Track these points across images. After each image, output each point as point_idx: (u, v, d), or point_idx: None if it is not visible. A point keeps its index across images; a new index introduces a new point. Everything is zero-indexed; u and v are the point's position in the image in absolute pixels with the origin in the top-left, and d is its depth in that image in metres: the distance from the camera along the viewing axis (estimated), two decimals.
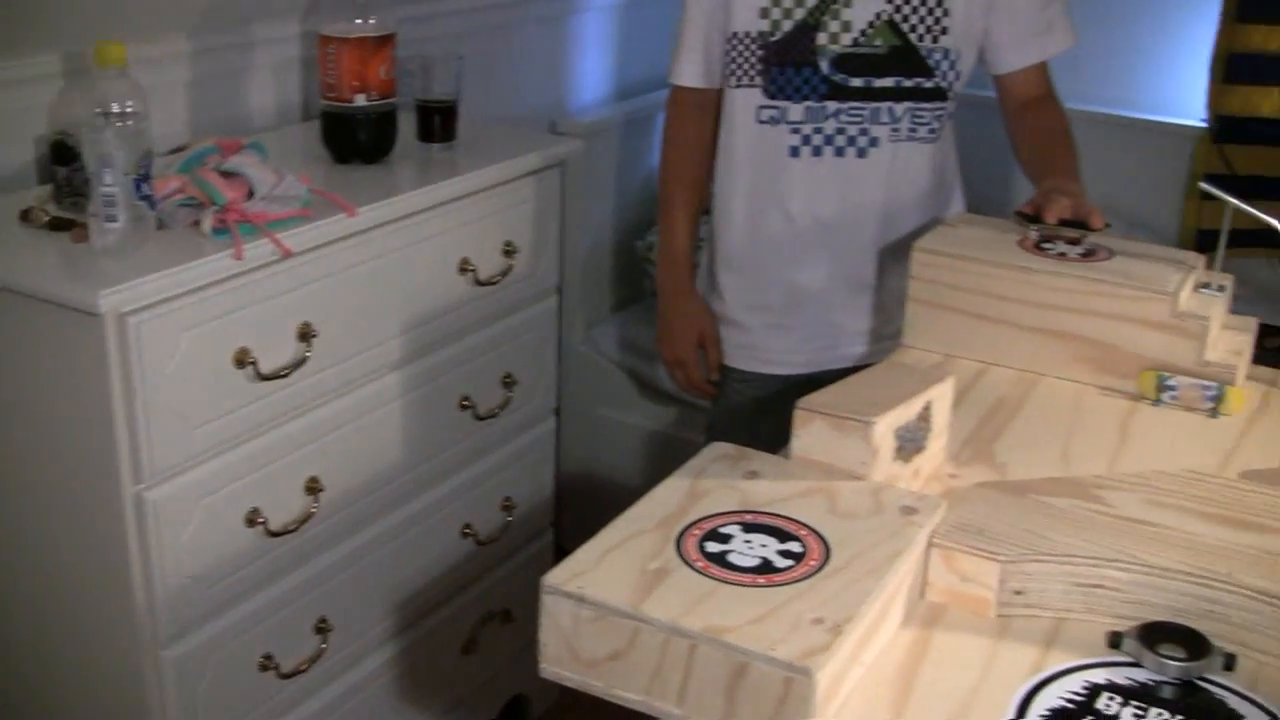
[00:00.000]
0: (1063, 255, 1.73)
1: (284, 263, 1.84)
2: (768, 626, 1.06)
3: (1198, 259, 1.78)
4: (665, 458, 2.33)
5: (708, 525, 1.20)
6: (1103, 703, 1.12)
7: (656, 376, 3.20)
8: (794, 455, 1.31)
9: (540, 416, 2.51)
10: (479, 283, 2.23)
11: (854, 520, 1.21)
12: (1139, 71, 3.58)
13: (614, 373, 3.25)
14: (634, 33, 3.42)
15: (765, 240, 2.22)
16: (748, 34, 2.09)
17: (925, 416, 1.36)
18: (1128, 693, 1.13)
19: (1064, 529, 1.27)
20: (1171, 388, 1.63)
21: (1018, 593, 1.23)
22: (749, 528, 1.20)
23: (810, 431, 1.30)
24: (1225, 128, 3.48)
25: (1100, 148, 3.56)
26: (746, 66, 2.11)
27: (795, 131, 2.13)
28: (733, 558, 1.15)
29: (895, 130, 2.13)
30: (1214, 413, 1.63)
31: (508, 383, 2.36)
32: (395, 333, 2.09)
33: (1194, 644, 1.17)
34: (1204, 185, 1.76)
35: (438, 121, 2.26)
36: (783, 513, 1.22)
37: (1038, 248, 1.74)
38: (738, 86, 2.14)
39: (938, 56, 2.10)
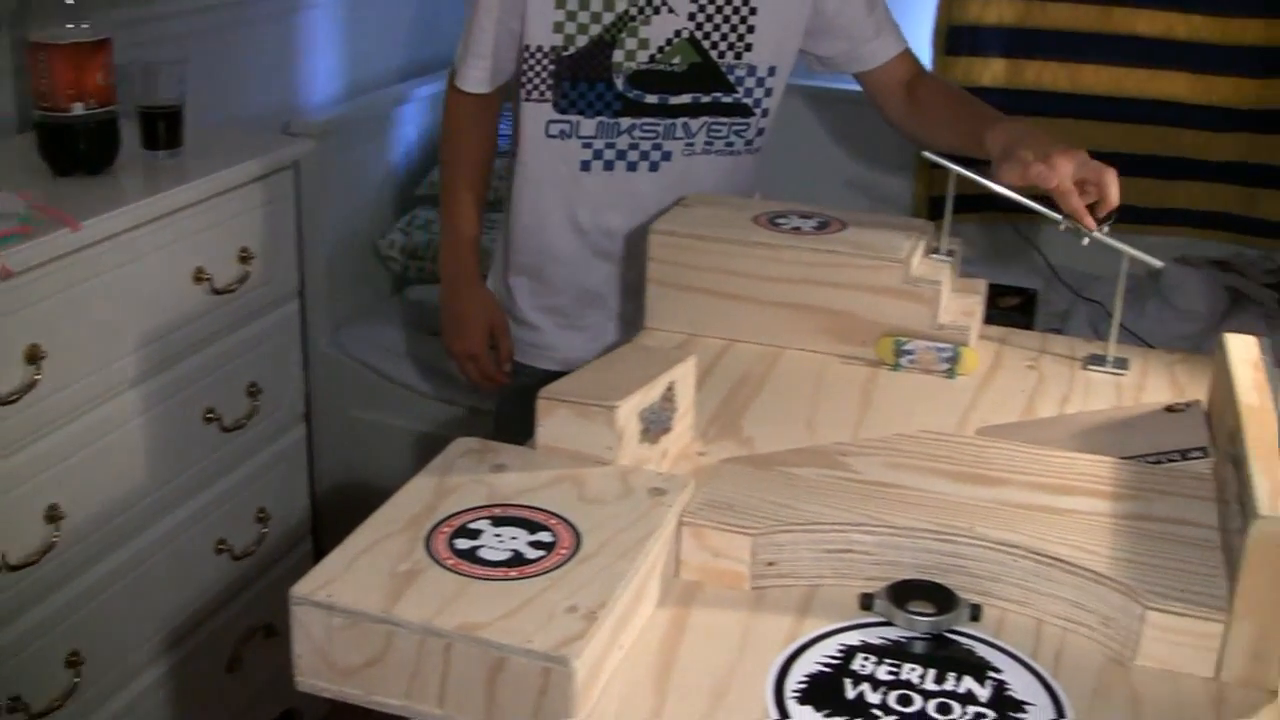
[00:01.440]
0: (797, 229, 1.76)
1: (5, 284, 1.76)
2: (522, 619, 1.05)
3: (927, 226, 1.83)
4: (426, 458, 2.30)
5: (456, 522, 1.18)
6: (858, 664, 1.14)
7: (406, 374, 3.17)
8: (540, 445, 1.31)
9: (289, 424, 2.46)
10: (216, 291, 2.17)
11: (603, 506, 1.21)
12: None
13: (365, 374, 3.20)
14: (366, 27, 3.37)
15: (556, 248, 2.21)
16: (540, 48, 2.05)
17: (669, 397, 1.37)
18: (881, 651, 1.15)
19: (811, 498, 1.29)
20: (909, 352, 1.68)
21: (770, 564, 1.24)
22: (498, 521, 1.19)
23: (554, 420, 1.29)
24: None
25: (833, 122, 3.65)
26: (538, 80, 2.08)
27: (587, 146, 2.11)
28: (483, 553, 1.14)
29: (689, 145, 2.12)
30: (950, 373, 1.67)
31: (253, 392, 2.31)
32: (131, 349, 2.03)
33: (941, 598, 1.20)
34: (927, 154, 1.81)
35: (162, 127, 2.19)
36: (531, 504, 1.21)
37: (772, 223, 1.77)
38: (528, 100, 2.11)
39: (741, 73, 2.09)
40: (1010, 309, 3.16)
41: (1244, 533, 1.12)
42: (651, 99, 2.08)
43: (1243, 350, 1.48)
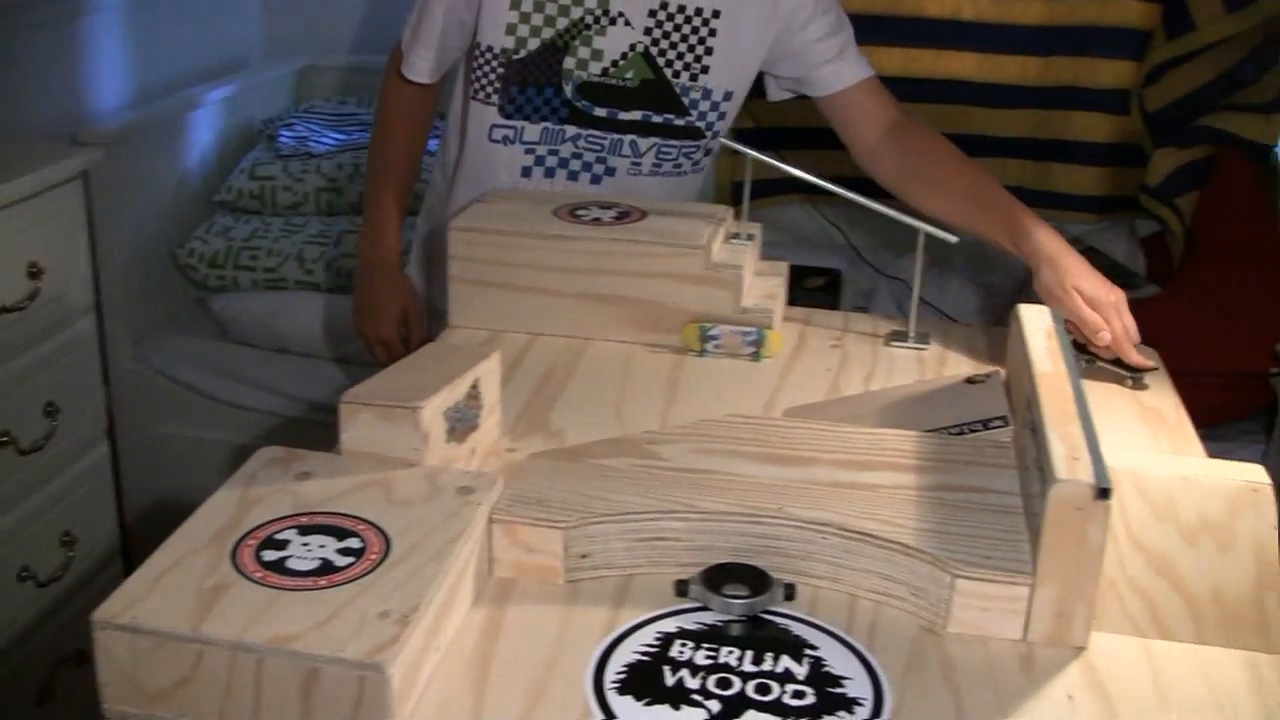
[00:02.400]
0: (597, 220, 1.76)
1: None
2: (334, 628, 1.03)
3: (726, 211, 1.84)
4: None
5: (263, 533, 1.16)
6: (676, 650, 1.14)
7: (214, 385, 3.11)
8: (345, 450, 1.29)
9: (91, 443, 2.39)
10: (4, 309, 2.10)
11: (411, 508, 1.20)
12: None
13: (171, 388, 3.12)
14: (156, 31, 3.28)
15: None
16: (490, 48, 1.99)
17: (474, 395, 1.36)
18: (698, 636, 1.16)
19: (621, 488, 1.29)
20: (714, 337, 1.69)
21: (583, 556, 1.24)
22: (306, 530, 1.16)
23: (358, 424, 1.27)
24: None
25: None
26: (485, 82, 2.02)
27: (529, 152, 2.05)
28: (291, 563, 1.12)
29: (636, 164, 2.07)
30: (756, 356, 1.69)
31: (50, 411, 2.24)
32: None
33: (755, 580, 1.21)
34: (723, 140, 1.82)
35: None
36: (339, 510, 1.19)
37: (572, 215, 1.77)
38: (474, 99, 2.05)
39: (696, 95, 2.02)
40: (816, 290, 3.20)
41: (1043, 497, 1.15)
42: (600, 112, 2.02)
43: (1036, 320, 1.52)
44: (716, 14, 1.96)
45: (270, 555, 1.13)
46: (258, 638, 1.02)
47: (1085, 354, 1.71)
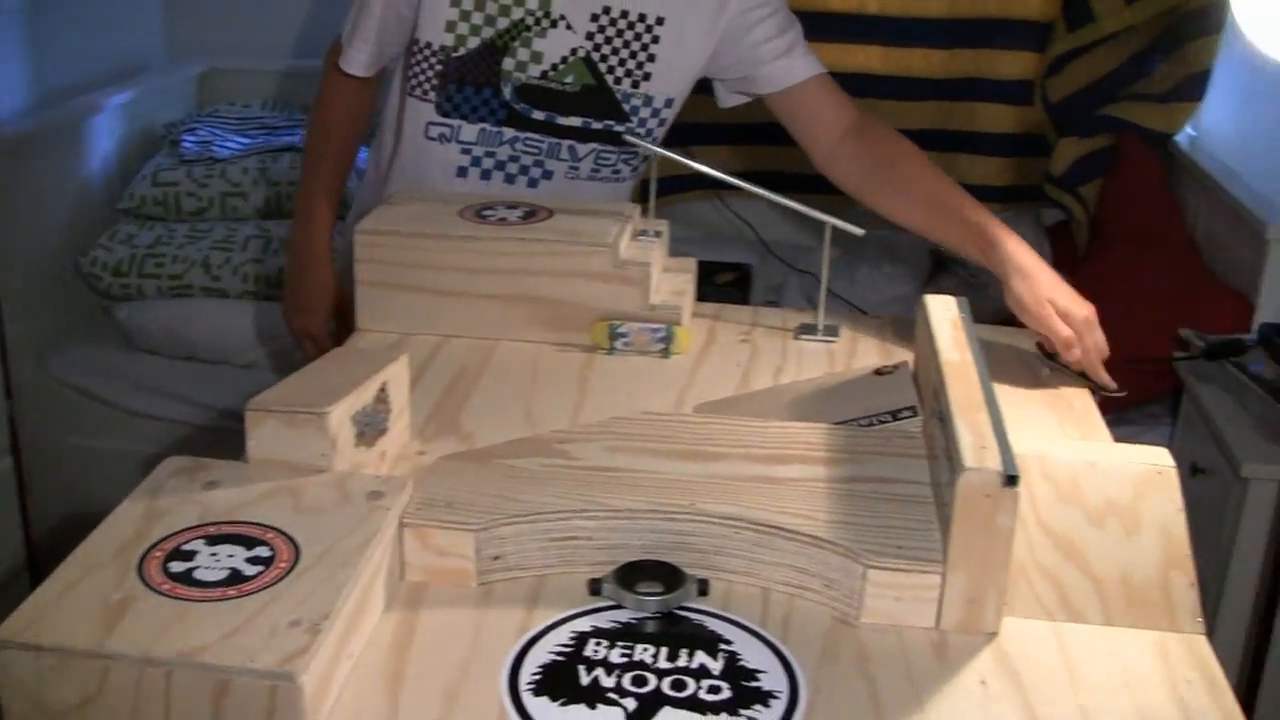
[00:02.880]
0: (504, 220, 1.75)
1: None
2: (244, 638, 1.02)
3: (633, 209, 1.84)
4: None
5: (170, 545, 1.14)
6: (591, 649, 1.14)
7: (122, 395, 3.07)
8: (251, 458, 1.27)
9: None
10: None
11: (320, 515, 1.18)
12: None
13: (77, 399, 3.08)
14: (54, 36, 3.23)
15: None
16: (429, 45, 1.96)
17: (382, 398, 1.35)
18: (613, 635, 1.16)
19: (532, 488, 1.28)
20: (623, 335, 1.68)
21: (496, 558, 1.23)
22: (213, 540, 1.15)
23: (264, 431, 1.26)
24: None
25: None
26: (423, 78, 1.99)
27: (466, 152, 2.02)
28: (199, 574, 1.10)
29: (574, 169, 2.04)
30: (665, 353, 1.69)
31: None
32: None
33: (669, 577, 1.21)
34: (627, 137, 1.82)
35: None
36: (247, 519, 1.18)
37: (478, 216, 1.76)
38: (411, 95, 2.02)
39: (637, 102, 2.00)
40: (726, 285, 3.21)
41: (952, 486, 1.16)
42: (539, 115, 1.99)
43: (942, 310, 1.53)
44: (660, 21, 1.95)
45: (177, 567, 1.11)
46: (165, 651, 1.01)
47: (1051, 361, 1.72)
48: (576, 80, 1.97)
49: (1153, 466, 1.33)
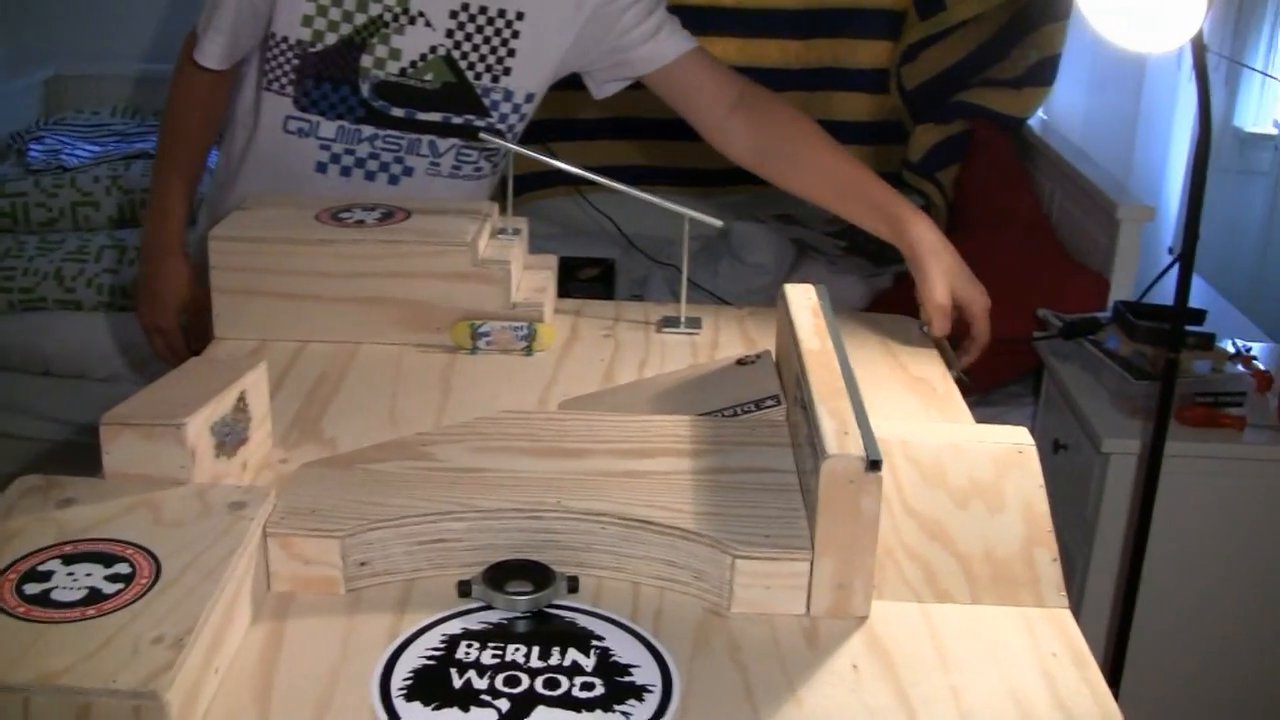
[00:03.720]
0: (361, 222, 1.73)
1: None
2: (105, 658, 1.00)
3: (492, 207, 1.83)
4: None
5: (24, 566, 1.11)
6: (462, 651, 1.13)
7: None
8: (108, 473, 1.24)
9: None
10: None
11: (181, 528, 1.16)
12: None
13: None
14: None
15: None
16: (286, 39, 1.92)
17: (242, 407, 1.32)
18: (484, 636, 1.15)
19: (398, 492, 1.27)
20: (485, 334, 1.68)
21: (363, 564, 1.22)
22: (70, 559, 1.12)
23: (121, 445, 1.23)
24: None
25: None
26: (280, 73, 1.95)
27: (325, 148, 1.99)
28: (56, 594, 1.07)
29: (435, 165, 2.02)
30: (528, 351, 1.68)
31: None
32: None
33: (538, 575, 1.21)
34: (483, 135, 1.81)
35: None
36: (105, 536, 1.15)
37: (335, 219, 1.74)
38: (268, 89, 1.98)
39: (497, 97, 1.98)
40: (591, 280, 3.21)
41: (816, 472, 1.16)
42: (398, 112, 1.97)
43: (802, 298, 1.54)
44: (520, 15, 1.94)
45: (33, 588, 1.08)
46: (22, 676, 0.98)
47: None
48: (436, 78, 1.96)
49: (1013, 446, 1.35)
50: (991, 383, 2.94)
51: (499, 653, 1.13)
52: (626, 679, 1.10)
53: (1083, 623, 2.26)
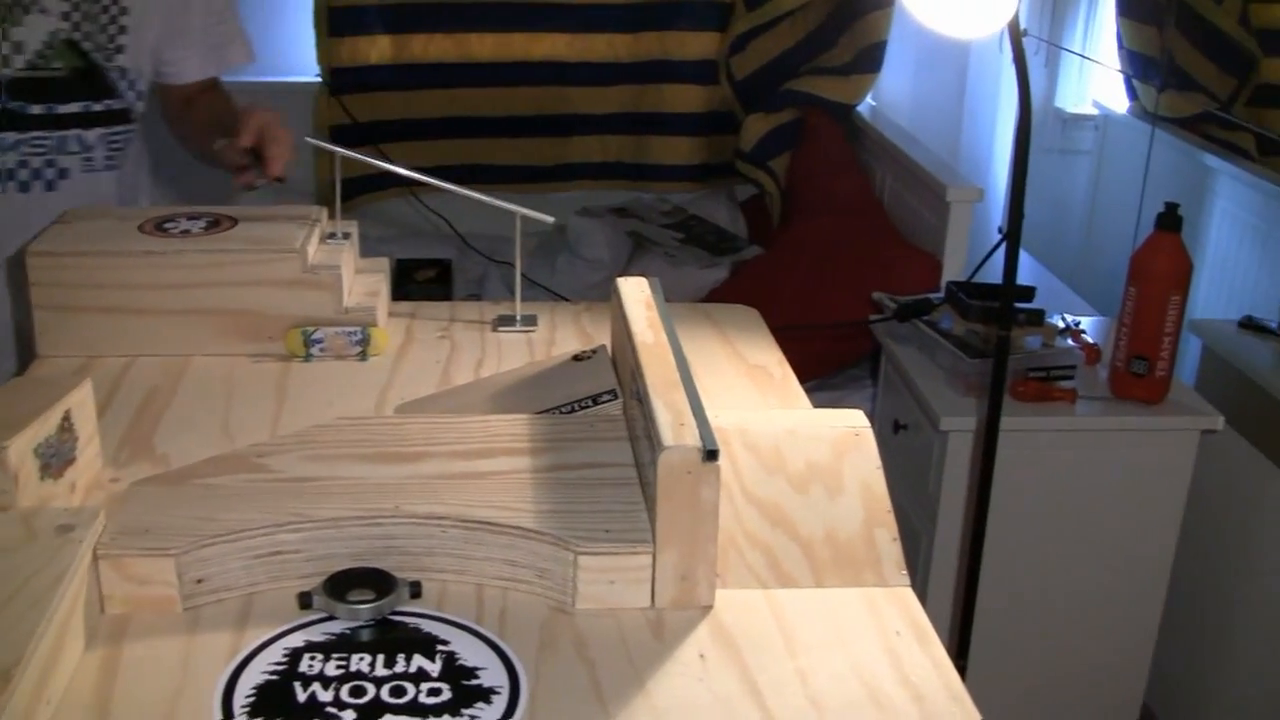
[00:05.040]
0: (187, 232, 1.69)
1: None
2: None
3: (320, 212, 1.81)
4: None
5: None
6: (305, 665, 1.11)
7: None
8: None
9: None
10: None
11: (6, 555, 1.12)
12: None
13: None
14: None
15: None
16: None
17: (67, 427, 1.29)
18: (327, 648, 1.13)
19: (232, 506, 1.25)
20: (318, 341, 1.65)
21: (199, 581, 1.19)
22: None
23: None
24: (339, 79, 3.58)
25: None
26: None
27: None
28: None
29: (89, 160, 1.97)
30: (363, 356, 1.66)
31: None
32: None
33: (380, 582, 1.19)
34: (309, 139, 1.79)
35: None
36: None
37: (159, 229, 1.70)
38: None
39: (115, 75, 1.95)
40: (428, 281, 3.19)
41: (654, 465, 1.16)
42: (37, 109, 1.92)
43: (635, 292, 1.54)
44: None
45: None
46: None
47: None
48: (65, 65, 1.93)
49: (850, 429, 1.36)
50: (833, 367, 2.98)
51: (343, 663, 1.11)
52: (473, 682, 1.09)
53: (931, 598, 2.31)
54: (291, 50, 3.63)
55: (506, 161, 3.72)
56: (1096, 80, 3.56)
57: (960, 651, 1.99)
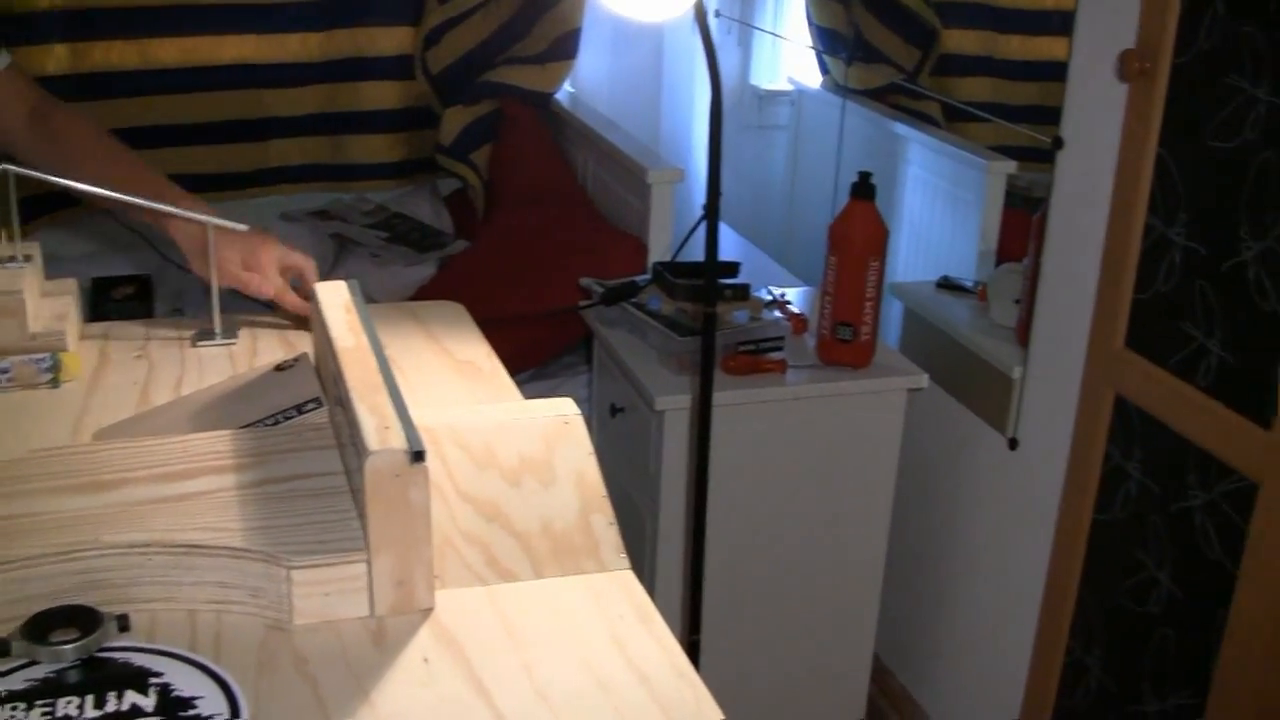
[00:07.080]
0: None
1: None
2: None
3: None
4: None
5: None
6: (7, 715, 1.06)
7: None
8: None
9: None
10: None
11: None
12: None
13: None
14: None
15: None
16: None
17: None
18: (30, 695, 1.08)
19: None
20: (4, 370, 1.58)
21: None
22: None
23: None
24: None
25: None
26: None
27: None
28: None
29: None
30: (55, 383, 1.59)
31: None
32: None
33: (84, 619, 1.14)
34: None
35: None
36: None
37: None
38: None
39: None
40: (128, 299, 3.07)
41: (361, 471, 1.15)
42: None
43: (334, 296, 1.51)
44: None
45: None
46: None
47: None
48: None
49: (559, 417, 1.37)
50: (547, 355, 2.98)
51: (49, 710, 1.06)
52: (191, 712, 1.06)
53: (660, 577, 2.34)
54: None
55: (202, 170, 3.61)
56: (790, 57, 3.65)
57: (693, 627, 2.01)
